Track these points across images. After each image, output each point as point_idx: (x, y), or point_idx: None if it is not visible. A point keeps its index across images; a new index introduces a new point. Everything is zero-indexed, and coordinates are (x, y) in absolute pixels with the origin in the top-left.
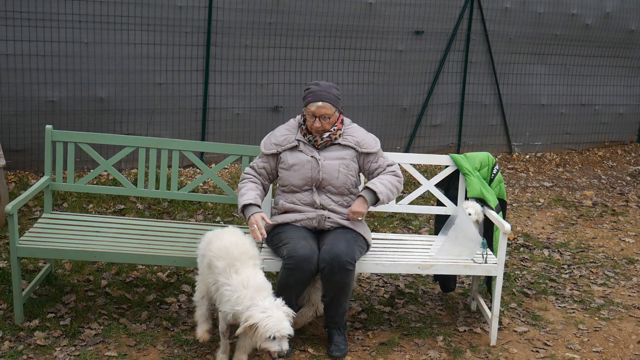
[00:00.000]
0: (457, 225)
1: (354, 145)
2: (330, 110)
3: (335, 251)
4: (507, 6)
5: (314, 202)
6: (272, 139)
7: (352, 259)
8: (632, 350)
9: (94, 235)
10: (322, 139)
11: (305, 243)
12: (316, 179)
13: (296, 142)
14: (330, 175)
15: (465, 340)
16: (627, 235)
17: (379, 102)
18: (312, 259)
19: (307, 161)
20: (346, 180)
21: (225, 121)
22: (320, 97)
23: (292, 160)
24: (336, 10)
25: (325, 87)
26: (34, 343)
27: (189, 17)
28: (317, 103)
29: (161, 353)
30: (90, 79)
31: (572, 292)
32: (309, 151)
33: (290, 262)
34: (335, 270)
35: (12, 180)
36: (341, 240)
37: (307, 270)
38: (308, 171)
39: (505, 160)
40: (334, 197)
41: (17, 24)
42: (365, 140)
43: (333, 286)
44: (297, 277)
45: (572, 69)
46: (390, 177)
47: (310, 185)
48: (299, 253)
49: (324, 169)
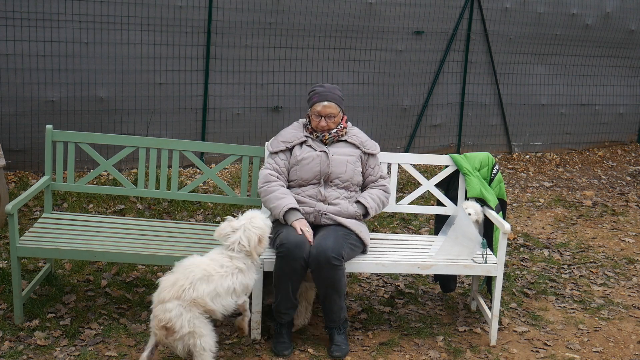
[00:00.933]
0: (457, 225)
1: (358, 144)
2: (335, 110)
3: (322, 246)
4: (507, 6)
5: (318, 194)
6: (279, 139)
7: (338, 254)
8: (632, 350)
9: (94, 235)
10: (330, 134)
11: (297, 232)
12: (325, 173)
13: (305, 137)
14: (338, 168)
15: (465, 340)
16: (627, 235)
17: (379, 102)
18: (304, 246)
19: (316, 155)
20: (353, 175)
21: (225, 121)
22: (326, 97)
23: (302, 154)
24: (336, 10)
25: (330, 88)
26: (34, 343)
27: (189, 17)
28: (322, 103)
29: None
30: (90, 79)
31: (572, 292)
32: (318, 146)
33: (282, 249)
34: (322, 265)
35: (12, 180)
36: (330, 237)
37: (299, 257)
38: (317, 165)
39: (505, 160)
40: (339, 190)
41: (17, 24)
42: (368, 142)
43: (322, 282)
44: (291, 266)
45: (572, 69)
46: (379, 192)
47: (319, 179)
48: (289, 240)
49: (333, 163)
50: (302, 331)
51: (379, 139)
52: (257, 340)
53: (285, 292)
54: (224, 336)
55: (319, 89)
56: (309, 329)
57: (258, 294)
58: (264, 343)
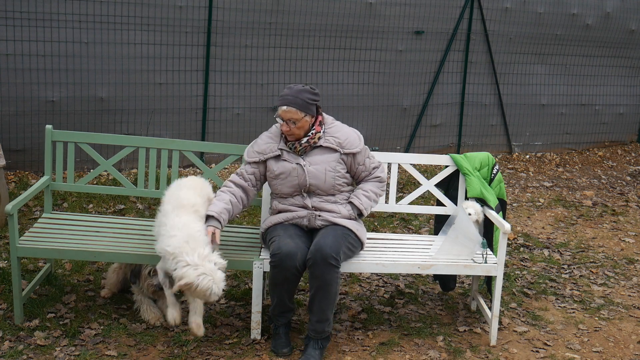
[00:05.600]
0: (457, 225)
1: (336, 146)
2: (296, 115)
3: (320, 244)
4: (507, 6)
5: (306, 205)
6: (255, 148)
7: (336, 253)
8: (632, 350)
9: (94, 235)
10: (300, 145)
11: (290, 241)
12: (304, 185)
13: (279, 151)
14: (317, 179)
15: (465, 340)
16: (627, 235)
17: (379, 102)
18: (296, 256)
19: (292, 169)
20: (334, 183)
21: (225, 121)
22: (286, 101)
23: (278, 169)
24: (336, 10)
25: (295, 91)
26: (34, 343)
27: (189, 17)
28: (282, 107)
29: (161, 353)
30: (90, 79)
31: (572, 292)
32: (293, 159)
33: (274, 259)
34: (318, 262)
35: (12, 180)
36: (329, 236)
37: (290, 267)
38: (295, 178)
39: (505, 160)
40: (324, 197)
41: (17, 24)
42: (349, 140)
43: (314, 282)
44: (283, 275)
45: (573, 69)
46: (373, 185)
47: (299, 191)
48: (282, 250)
49: (310, 175)
50: (301, 331)
51: (379, 139)
52: (257, 340)
53: (279, 298)
54: (224, 336)
55: (284, 91)
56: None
57: (258, 294)
58: (264, 343)
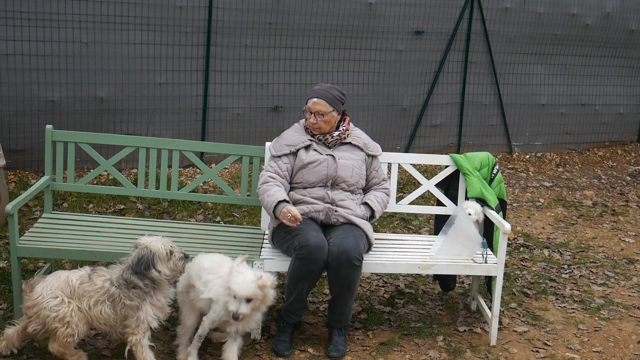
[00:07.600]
0: (457, 225)
1: (362, 146)
2: (324, 108)
3: (344, 246)
4: (507, 6)
5: (325, 197)
6: (282, 142)
7: (360, 255)
8: (632, 350)
9: (94, 235)
10: (332, 137)
11: (315, 233)
12: (332, 176)
13: (309, 141)
14: (345, 173)
15: (465, 340)
16: (627, 235)
17: (379, 102)
18: (324, 249)
19: (323, 159)
20: (359, 179)
21: (225, 121)
22: (317, 94)
23: (308, 158)
24: (336, 10)
25: (326, 87)
26: (34, 343)
27: (189, 17)
28: (312, 99)
29: (161, 353)
30: (90, 79)
31: (572, 292)
32: (323, 150)
33: (303, 251)
34: (342, 265)
35: (12, 180)
36: (350, 236)
37: (319, 260)
38: (324, 168)
39: (505, 160)
40: (345, 193)
41: (17, 24)
42: (371, 144)
43: (339, 282)
44: (309, 268)
45: (572, 69)
46: (383, 195)
47: (325, 182)
48: (311, 242)
49: (340, 167)
50: (302, 331)
51: (379, 139)
52: (257, 340)
53: (299, 293)
54: None
55: (316, 87)
56: (309, 328)
57: None
58: (264, 343)
